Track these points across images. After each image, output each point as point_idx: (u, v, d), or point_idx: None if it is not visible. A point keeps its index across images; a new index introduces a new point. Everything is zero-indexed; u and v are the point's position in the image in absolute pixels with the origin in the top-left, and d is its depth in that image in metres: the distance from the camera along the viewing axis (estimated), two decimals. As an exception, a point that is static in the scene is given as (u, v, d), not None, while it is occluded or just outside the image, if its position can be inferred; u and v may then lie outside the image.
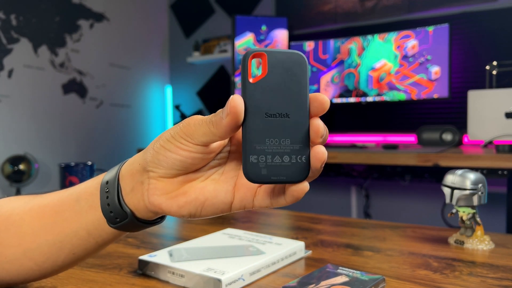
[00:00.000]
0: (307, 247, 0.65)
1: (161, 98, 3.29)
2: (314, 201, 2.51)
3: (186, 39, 3.22)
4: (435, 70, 2.03)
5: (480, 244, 0.65)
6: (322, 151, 0.30)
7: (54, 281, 0.50)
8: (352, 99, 2.25)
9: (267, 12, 2.80)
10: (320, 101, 0.30)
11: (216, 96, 3.09)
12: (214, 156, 0.34)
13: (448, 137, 1.94)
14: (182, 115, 2.97)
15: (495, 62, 1.86)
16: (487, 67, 1.88)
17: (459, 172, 0.66)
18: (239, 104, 0.29)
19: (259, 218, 0.88)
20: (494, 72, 1.86)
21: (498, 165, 1.47)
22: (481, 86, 2.06)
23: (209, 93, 3.13)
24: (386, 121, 2.38)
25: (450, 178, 0.67)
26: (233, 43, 2.45)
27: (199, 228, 0.78)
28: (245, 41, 2.45)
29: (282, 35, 2.47)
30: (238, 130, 0.31)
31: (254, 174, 0.30)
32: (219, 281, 0.47)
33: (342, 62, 2.28)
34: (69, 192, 0.38)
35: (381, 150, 1.85)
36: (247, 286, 0.50)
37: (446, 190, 0.67)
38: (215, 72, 3.08)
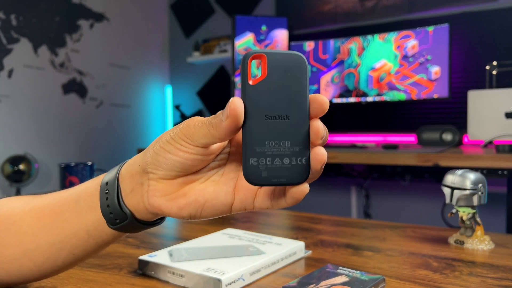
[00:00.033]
0: (307, 247, 0.65)
1: (161, 98, 3.29)
2: (314, 201, 2.51)
3: (186, 39, 3.22)
4: (435, 70, 2.03)
5: (480, 244, 0.65)
6: (322, 153, 0.30)
7: (54, 281, 0.50)
8: (352, 99, 2.25)
9: (267, 12, 2.80)
10: (319, 102, 0.30)
11: (216, 96, 3.09)
12: (214, 157, 0.34)
13: (448, 137, 1.94)
14: (182, 115, 2.97)
15: (495, 62, 1.86)
16: (487, 67, 1.88)
17: (459, 172, 0.66)
18: (239, 106, 0.29)
19: (259, 218, 0.88)
20: (494, 72, 1.86)
21: (498, 165, 1.47)
22: (481, 86, 2.06)
23: (209, 93, 3.13)
24: (386, 121, 2.38)
25: (450, 178, 0.67)
26: (233, 43, 2.45)
27: (199, 228, 0.78)
28: (245, 41, 2.45)
29: (282, 35, 2.47)
30: (238, 132, 0.31)
31: (254, 176, 0.30)
32: (219, 281, 0.47)
33: (342, 62, 2.28)
34: (69, 192, 0.38)
35: (381, 150, 1.85)
36: (247, 286, 0.50)
37: (446, 190, 0.67)
38: (215, 72, 3.08)
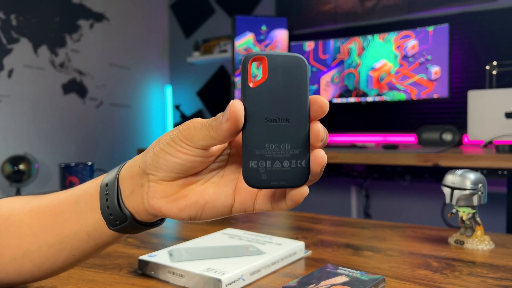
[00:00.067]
0: (307, 247, 0.65)
1: (161, 98, 3.29)
2: (314, 201, 2.51)
3: (186, 39, 3.22)
4: (435, 70, 2.03)
5: (480, 244, 0.65)
6: (321, 155, 0.30)
7: (54, 281, 0.50)
8: (352, 99, 2.25)
9: (267, 12, 2.80)
10: (319, 104, 0.30)
11: (216, 96, 3.09)
12: (214, 159, 0.34)
13: (448, 137, 1.94)
14: (182, 115, 2.98)
15: (495, 62, 1.86)
16: (487, 67, 1.88)
17: (459, 172, 0.66)
18: (239, 109, 0.29)
19: (259, 218, 0.88)
20: (494, 72, 1.86)
21: (498, 165, 1.47)
22: (481, 86, 2.06)
23: (209, 93, 3.13)
24: (386, 121, 2.38)
25: (450, 178, 0.67)
26: (233, 43, 2.45)
27: (199, 228, 0.78)
28: (245, 41, 2.45)
29: (282, 35, 2.47)
30: (238, 135, 0.31)
31: (254, 179, 0.30)
32: (219, 281, 0.47)
33: (342, 62, 2.28)
34: (68, 193, 0.38)
35: (381, 150, 1.85)
36: (247, 286, 0.50)
37: (446, 190, 0.67)
38: (215, 72, 3.08)
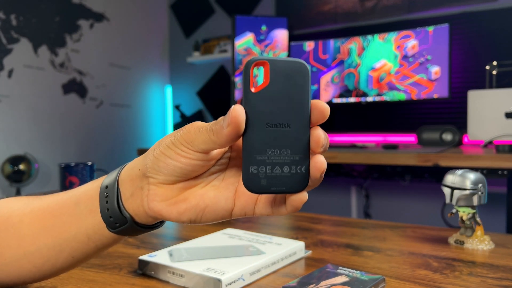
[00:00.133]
0: (307, 247, 0.65)
1: (161, 98, 3.29)
2: (314, 201, 2.51)
3: (186, 39, 3.22)
4: (435, 70, 2.03)
5: (480, 244, 0.65)
6: (321, 161, 0.30)
7: (54, 281, 0.50)
8: (352, 99, 2.25)
9: (267, 12, 2.80)
10: (320, 109, 0.30)
11: (216, 96, 3.09)
12: (215, 163, 0.34)
13: (448, 137, 1.94)
14: (182, 115, 2.98)
15: (495, 62, 1.86)
16: (487, 67, 1.88)
17: (459, 172, 0.66)
18: (241, 114, 0.29)
19: (259, 218, 0.88)
20: (494, 72, 1.86)
21: (498, 165, 1.47)
22: (481, 86, 2.06)
23: (209, 93, 3.13)
24: (386, 121, 2.38)
25: (450, 178, 0.67)
26: (233, 43, 2.45)
27: (199, 228, 0.78)
28: (245, 41, 2.45)
29: (282, 35, 2.47)
30: (238, 139, 0.31)
31: (254, 185, 0.30)
32: (219, 281, 0.47)
33: (342, 62, 2.28)
34: (68, 195, 0.38)
35: (381, 150, 1.85)
36: (247, 286, 0.50)
37: (446, 190, 0.67)
38: (215, 72, 3.08)
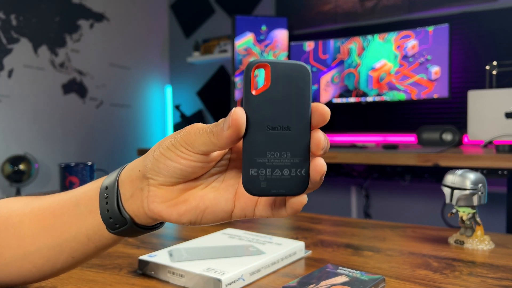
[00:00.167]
0: (307, 247, 0.65)
1: (161, 98, 3.29)
2: (314, 201, 2.51)
3: (186, 39, 3.22)
4: (435, 70, 2.03)
5: (480, 244, 0.65)
6: (321, 164, 0.30)
7: (54, 281, 0.50)
8: (352, 99, 2.25)
9: (267, 12, 2.80)
10: (320, 111, 0.30)
11: (216, 96, 3.09)
12: (215, 164, 0.34)
13: (448, 137, 1.94)
14: (182, 115, 2.97)
15: (495, 62, 1.86)
16: (487, 67, 1.88)
17: (459, 172, 0.66)
18: (241, 117, 0.29)
19: (259, 218, 0.88)
20: (494, 72, 1.86)
21: (498, 165, 1.47)
22: (481, 86, 2.06)
23: (209, 93, 3.13)
24: (386, 121, 2.38)
25: (450, 178, 0.67)
26: (233, 43, 2.45)
27: (199, 228, 0.78)
28: (245, 41, 2.45)
29: (282, 35, 2.47)
30: (239, 142, 0.31)
31: (253, 187, 0.30)
32: (219, 281, 0.47)
33: (342, 62, 2.28)
34: (68, 195, 0.38)
35: (381, 150, 1.85)
36: (247, 286, 0.50)
37: (446, 190, 0.67)
38: (215, 72, 3.08)
